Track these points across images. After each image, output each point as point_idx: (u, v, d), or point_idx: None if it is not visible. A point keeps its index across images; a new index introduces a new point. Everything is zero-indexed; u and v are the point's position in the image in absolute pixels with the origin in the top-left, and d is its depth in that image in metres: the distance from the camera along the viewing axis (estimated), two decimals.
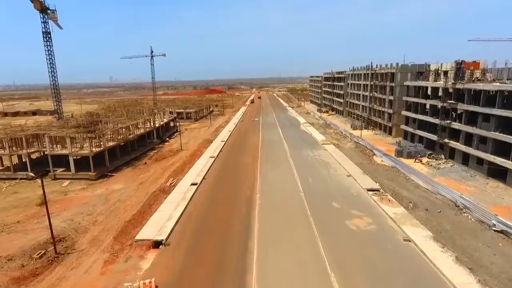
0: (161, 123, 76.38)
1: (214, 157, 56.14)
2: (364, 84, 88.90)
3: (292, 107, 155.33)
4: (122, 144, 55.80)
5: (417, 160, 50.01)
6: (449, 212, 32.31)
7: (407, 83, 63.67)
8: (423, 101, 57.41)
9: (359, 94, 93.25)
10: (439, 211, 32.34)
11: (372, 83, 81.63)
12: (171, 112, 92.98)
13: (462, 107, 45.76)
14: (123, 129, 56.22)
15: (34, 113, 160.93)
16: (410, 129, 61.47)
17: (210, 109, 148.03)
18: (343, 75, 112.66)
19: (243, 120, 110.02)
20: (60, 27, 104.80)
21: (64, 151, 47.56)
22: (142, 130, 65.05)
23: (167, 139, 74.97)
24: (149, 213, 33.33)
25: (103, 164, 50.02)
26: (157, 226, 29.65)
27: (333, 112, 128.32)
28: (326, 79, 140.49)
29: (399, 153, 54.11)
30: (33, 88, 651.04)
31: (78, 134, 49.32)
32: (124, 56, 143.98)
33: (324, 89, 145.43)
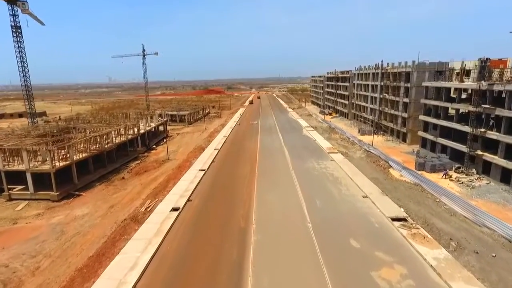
0: (148, 128, 68.31)
1: (204, 170, 48.14)
2: (372, 85, 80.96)
3: (293, 109, 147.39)
4: (97, 155, 47.85)
5: (445, 176, 41.99)
6: (507, 256, 24.36)
7: (426, 83, 55.68)
8: (447, 104, 49.49)
9: (367, 96, 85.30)
10: (493, 255, 24.37)
11: (382, 83, 73.69)
12: (160, 115, 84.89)
13: (503, 113, 37.73)
14: (98, 138, 48.18)
15: (20, 115, 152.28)
16: (430, 137, 53.51)
17: (206, 111, 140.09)
18: (348, 75, 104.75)
19: (240, 123, 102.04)
20: (42, 23, 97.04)
21: (21, 167, 39.54)
22: (123, 138, 57.00)
23: (154, 146, 66.99)
24: (110, 255, 25.38)
25: (71, 181, 42.06)
26: (114, 280, 21.67)
27: (337, 114, 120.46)
28: (329, 79, 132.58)
29: (421, 166, 46.20)
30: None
31: (39, 145, 41.28)
32: (115, 55, 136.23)
33: (326, 89, 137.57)
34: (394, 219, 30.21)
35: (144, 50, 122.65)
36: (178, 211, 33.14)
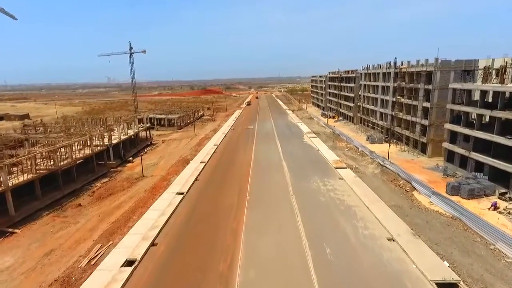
0: (124, 137, 58.70)
1: (183, 193, 38.58)
2: (384, 86, 71.43)
3: (293, 111, 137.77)
4: (49, 174, 38.31)
5: (494, 208, 32.37)
6: None
7: (455, 85, 46.07)
8: (484, 111, 39.91)
9: (376, 98, 75.80)
10: None
11: (395, 84, 64.15)
12: (141, 120, 75.29)
13: None
14: (50, 153, 38.60)
15: (1, 118, 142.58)
16: (460, 151, 43.98)
17: (200, 114, 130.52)
18: (354, 75, 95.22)
19: (235, 128, 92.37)
20: (14, 18, 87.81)
21: None
22: (90, 150, 47.40)
23: (131, 158, 57.32)
24: None
25: (6, 212, 32.50)
26: None
27: (341, 118, 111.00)
28: (332, 79, 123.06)
29: (455, 190, 36.71)
30: (28, 88, 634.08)
31: None
32: (101, 54, 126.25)
33: (329, 90, 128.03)
34: (441, 286, 20.74)
35: (131, 48, 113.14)
36: (133, 267, 23.61)
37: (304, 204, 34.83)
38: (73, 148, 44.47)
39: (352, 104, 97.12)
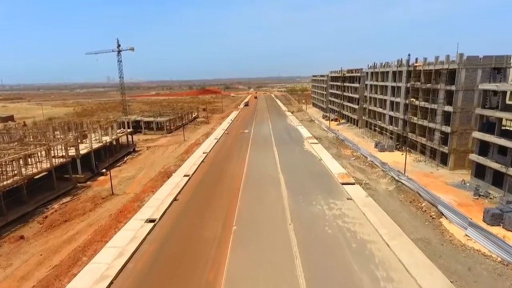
0: (97, 145, 50.96)
1: (154, 220, 30.98)
2: (394, 86, 63.65)
3: (292, 112, 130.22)
4: None
5: None
6: None
7: (486, 86, 38.31)
8: None
9: (385, 100, 68.07)
10: None
11: (409, 85, 56.42)
12: (121, 124, 67.58)
13: None
14: None
15: None
16: (494, 165, 36.30)
17: (194, 115, 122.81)
18: (359, 74, 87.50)
19: (229, 132, 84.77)
20: None
21: None
22: (49, 164, 39.65)
23: (104, 170, 49.49)
24: None
25: None
26: None
27: (343, 120, 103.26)
28: (334, 79, 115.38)
29: (496, 219, 29.09)
30: (27, 88, 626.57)
31: None
32: (89, 52, 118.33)
33: (330, 91, 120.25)
34: None
35: (119, 46, 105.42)
36: None
37: (306, 238, 27.16)
38: (27, 161, 36.80)
39: (356, 106, 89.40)
